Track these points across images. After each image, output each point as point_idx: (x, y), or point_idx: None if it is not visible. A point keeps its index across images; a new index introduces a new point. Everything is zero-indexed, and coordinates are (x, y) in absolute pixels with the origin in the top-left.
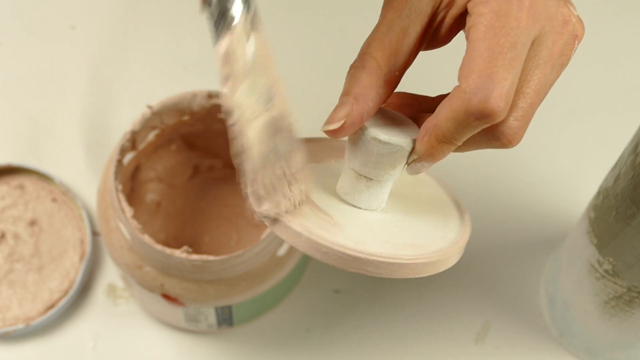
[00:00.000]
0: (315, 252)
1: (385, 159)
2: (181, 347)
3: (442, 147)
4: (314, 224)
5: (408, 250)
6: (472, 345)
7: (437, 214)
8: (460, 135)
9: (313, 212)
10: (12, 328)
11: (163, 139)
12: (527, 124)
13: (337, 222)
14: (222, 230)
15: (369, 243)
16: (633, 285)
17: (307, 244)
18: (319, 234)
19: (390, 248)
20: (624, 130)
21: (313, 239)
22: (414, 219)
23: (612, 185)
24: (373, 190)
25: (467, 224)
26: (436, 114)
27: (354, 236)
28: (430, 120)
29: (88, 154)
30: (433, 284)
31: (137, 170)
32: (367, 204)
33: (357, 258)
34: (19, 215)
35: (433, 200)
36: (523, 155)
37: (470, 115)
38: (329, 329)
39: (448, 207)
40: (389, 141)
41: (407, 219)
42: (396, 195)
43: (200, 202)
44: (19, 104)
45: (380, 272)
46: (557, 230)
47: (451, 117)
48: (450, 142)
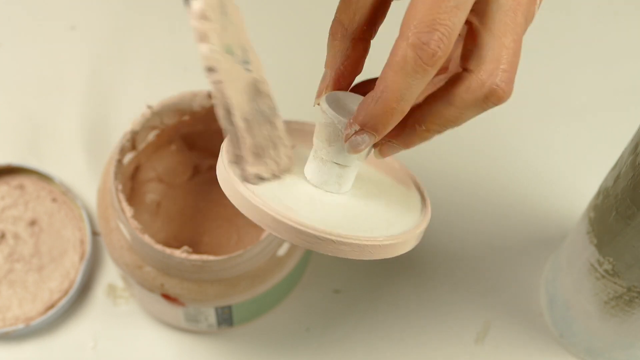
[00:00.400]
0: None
1: (326, 130)
2: (181, 347)
3: (389, 113)
4: (274, 197)
5: (366, 232)
6: (472, 345)
7: (400, 201)
8: (412, 95)
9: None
10: (12, 328)
11: (163, 139)
12: (515, 73)
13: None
14: (222, 230)
15: (320, 221)
16: (633, 285)
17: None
18: (275, 207)
19: (347, 229)
20: (624, 130)
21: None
22: (377, 204)
23: (612, 185)
24: (332, 172)
25: (427, 212)
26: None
27: (308, 213)
28: (383, 87)
29: (88, 154)
30: (433, 284)
31: (137, 170)
32: (328, 186)
33: (304, 233)
34: (19, 215)
35: (398, 189)
36: (523, 156)
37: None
38: (329, 329)
39: (412, 196)
40: (326, 111)
41: (369, 203)
42: (363, 181)
43: (200, 202)
44: (19, 104)
45: (330, 250)
46: (557, 230)
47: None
48: (399, 110)
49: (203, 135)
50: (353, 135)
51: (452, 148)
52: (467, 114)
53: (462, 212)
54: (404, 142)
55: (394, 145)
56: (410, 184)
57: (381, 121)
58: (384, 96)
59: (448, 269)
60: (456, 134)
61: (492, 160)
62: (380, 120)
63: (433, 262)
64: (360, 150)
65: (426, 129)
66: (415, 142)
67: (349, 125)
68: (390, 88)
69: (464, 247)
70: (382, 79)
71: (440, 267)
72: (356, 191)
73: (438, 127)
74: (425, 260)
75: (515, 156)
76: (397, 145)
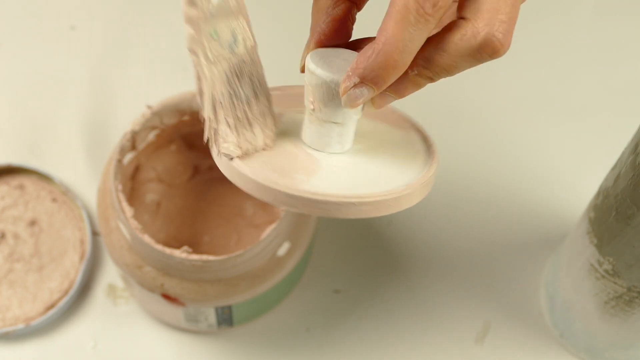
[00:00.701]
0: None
1: (318, 91)
2: (181, 347)
3: (391, 66)
4: (268, 168)
5: (382, 187)
6: (472, 345)
7: (403, 147)
8: (414, 46)
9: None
10: (12, 328)
11: (163, 139)
12: (513, 26)
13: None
14: (222, 230)
15: (334, 186)
16: (633, 285)
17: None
18: (285, 182)
19: (364, 188)
20: (624, 130)
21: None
22: (382, 155)
23: (612, 185)
24: (331, 132)
25: (435, 151)
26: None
27: (319, 181)
28: (383, 40)
29: (88, 154)
30: (433, 284)
31: (137, 170)
32: (330, 148)
33: (323, 202)
34: (19, 215)
35: (397, 134)
36: (523, 156)
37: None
38: (329, 329)
39: (413, 138)
40: (315, 72)
41: (375, 156)
42: (362, 135)
43: (200, 202)
44: (19, 104)
45: (352, 214)
46: (557, 230)
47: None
48: (401, 63)
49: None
50: (352, 89)
51: (452, 148)
52: (461, 63)
53: (462, 212)
54: (397, 90)
55: (388, 95)
56: (406, 126)
57: (382, 74)
58: (385, 48)
59: (448, 269)
60: (456, 134)
61: (492, 160)
62: (381, 73)
63: (433, 262)
64: (358, 105)
65: (418, 74)
66: (408, 88)
67: (347, 78)
68: (391, 39)
69: (464, 247)
70: (382, 31)
71: (440, 267)
72: (358, 146)
73: (430, 74)
74: (425, 260)
75: (515, 156)
76: (391, 95)
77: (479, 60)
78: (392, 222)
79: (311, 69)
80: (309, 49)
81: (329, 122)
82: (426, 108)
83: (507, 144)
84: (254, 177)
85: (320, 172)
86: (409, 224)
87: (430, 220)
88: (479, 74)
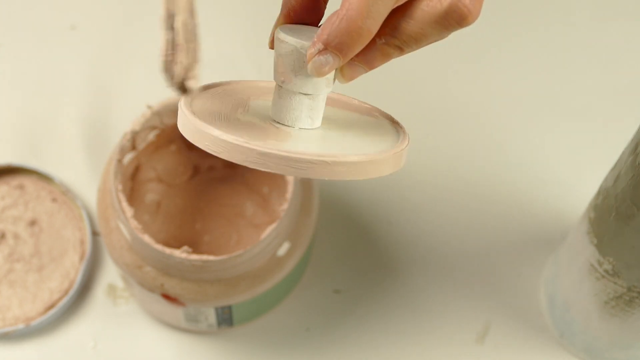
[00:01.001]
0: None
1: (289, 60)
2: (181, 347)
3: (355, 32)
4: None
5: (357, 151)
6: (472, 345)
7: (374, 129)
8: (378, 13)
9: None
10: (12, 328)
11: (163, 139)
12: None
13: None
14: (222, 230)
15: (295, 148)
16: (633, 285)
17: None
18: (257, 142)
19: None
20: (624, 130)
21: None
22: (354, 133)
23: (612, 185)
24: (302, 105)
25: (405, 131)
26: None
27: (291, 146)
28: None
29: (88, 154)
30: (433, 284)
31: (137, 170)
32: (300, 122)
33: (296, 160)
34: (19, 215)
35: (367, 120)
36: (523, 155)
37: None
38: (329, 329)
39: (383, 124)
40: (285, 39)
41: (346, 133)
42: (331, 120)
43: (200, 202)
44: (19, 104)
45: (325, 173)
46: (557, 230)
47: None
48: (365, 29)
49: None
50: (316, 55)
51: (452, 148)
52: (429, 32)
53: (462, 212)
54: (365, 60)
55: (356, 65)
56: (376, 114)
57: (346, 41)
58: (348, 14)
59: (448, 269)
60: (456, 134)
61: (492, 160)
62: (345, 39)
63: (433, 262)
64: (324, 72)
65: (385, 43)
66: (377, 58)
67: (312, 45)
68: (355, 5)
69: (464, 247)
70: None
71: (440, 267)
72: (328, 126)
73: (398, 42)
74: (425, 260)
75: (515, 156)
76: (360, 65)
77: (446, 27)
78: (392, 222)
79: (280, 38)
80: (279, 23)
81: (298, 93)
82: (426, 108)
83: (507, 144)
84: (225, 138)
85: (291, 140)
86: (409, 224)
87: (430, 220)
88: (479, 73)
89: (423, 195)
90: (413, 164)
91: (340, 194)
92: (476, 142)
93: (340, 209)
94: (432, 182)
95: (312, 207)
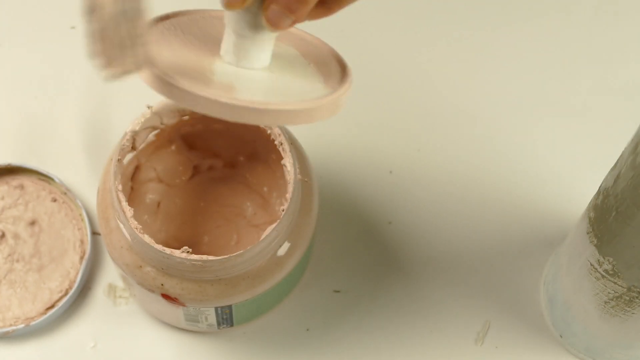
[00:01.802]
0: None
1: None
2: (181, 347)
3: None
4: None
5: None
6: (472, 345)
7: (319, 74)
8: None
9: None
10: (12, 328)
11: (163, 139)
12: None
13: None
14: (222, 230)
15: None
16: (633, 285)
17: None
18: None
19: (254, 96)
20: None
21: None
22: (295, 77)
23: (612, 185)
24: (245, 44)
25: (347, 83)
26: None
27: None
28: None
29: (88, 154)
30: (433, 283)
31: (137, 170)
32: (244, 61)
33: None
34: (19, 215)
35: (320, 62)
36: (523, 155)
37: None
38: (329, 329)
39: (333, 69)
40: None
41: (287, 76)
42: (282, 58)
43: (200, 202)
44: (19, 104)
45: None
46: (557, 230)
47: None
48: None
49: (203, 135)
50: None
51: (452, 148)
52: None
53: (461, 212)
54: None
55: (279, 11)
56: (330, 58)
57: None
58: None
59: (448, 269)
60: (456, 134)
61: (492, 160)
62: None
63: (433, 262)
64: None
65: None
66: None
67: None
68: None
69: (463, 247)
70: None
71: (440, 267)
72: (274, 67)
73: None
74: (425, 260)
75: (515, 156)
76: (282, 11)
77: None
78: (392, 222)
79: None
80: None
81: (233, 32)
82: (426, 108)
83: (507, 144)
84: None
85: (235, 84)
86: (409, 224)
87: (430, 220)
88: (479, 73)
89: (423, 195)
90: (413, 163)
91: (340, 194)
92: (476, 142)
93: (340, 209)
94: (432, 182)
95: (312, 207)
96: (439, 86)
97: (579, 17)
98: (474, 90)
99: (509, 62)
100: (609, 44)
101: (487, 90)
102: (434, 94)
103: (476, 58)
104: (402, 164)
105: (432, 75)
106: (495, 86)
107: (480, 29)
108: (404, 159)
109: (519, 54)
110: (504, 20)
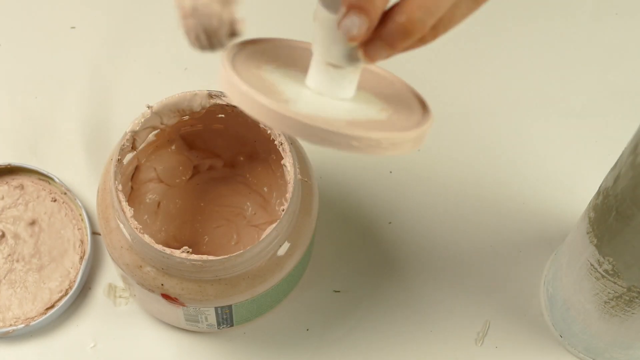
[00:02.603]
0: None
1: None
2: (181, 347)
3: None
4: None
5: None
6: (472, 345)
7: (403, 108)
8: None
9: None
10: (12, 328)
11: (163, 139)
12: None
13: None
14: (222, 230)
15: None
16: (633, 285)
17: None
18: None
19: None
20: (624, 130)
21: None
22: (373, 107)
23: (612, 185)
24: (333, 75)
25: (429, 119)
26: None
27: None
28: None
29: (88, 154)
30: (433, 283)
31: (137, 170)
32: (330, 91)
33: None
34: (19, 215)
35: (402, 99)
36: (523, 155)
37: None
38: (329, 329)
39: (415, 106)
40: (319, 8)
41: (371, 108)
42: (367, 91)
43: (200, 202)
44: (19, 104)
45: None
46: (557, 230)
47: None
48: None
49: (203, 135)
50: (342, 20)
51: (452, 148)
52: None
53: (462, 212)
54: (386, 39)
55: (379, 45)
56: (410, 95)
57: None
58: None
59: (448, 269)
60: (456, 134)
61: (492, 160)
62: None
63: (433, 262)
64: (353, 36)
65: (407, 20)
66: (396, 37)
67: (340, 11)
68: None
69: (464, 247)
70: None
71: (440, 267)
72: (360, 98)
73: (420, 15)
74: (425, 260)
75: (515, 156)
76: (382, 45)
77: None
78: (392, 222)
79: (318, 9)
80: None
81: (326, 62)
82: None
83: (507, 144)
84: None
85: (316, 107)
86: (409, 224)
87: (430, 220)
88: (479, 73)
89: (423, 195)
90: (413, 163)
91: (340, 194)
92: (476, 142)
93: (340, 209)
94: (432, 182)
95: (312, 207)
96: (439, 86)
97: (579, 18)
98: (474, 90)
99: (509, 62)
100: (609, 45)
101: (487, 90)
102: (434, 94)
103: (476, 59)
104: (402, 164)
105: (432, 75)
106: (495, 86)
107: (480, 30)
108: (404, 159)
109: (519, 54)
110: (504, 21)
